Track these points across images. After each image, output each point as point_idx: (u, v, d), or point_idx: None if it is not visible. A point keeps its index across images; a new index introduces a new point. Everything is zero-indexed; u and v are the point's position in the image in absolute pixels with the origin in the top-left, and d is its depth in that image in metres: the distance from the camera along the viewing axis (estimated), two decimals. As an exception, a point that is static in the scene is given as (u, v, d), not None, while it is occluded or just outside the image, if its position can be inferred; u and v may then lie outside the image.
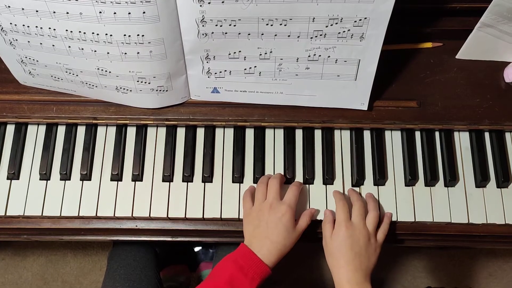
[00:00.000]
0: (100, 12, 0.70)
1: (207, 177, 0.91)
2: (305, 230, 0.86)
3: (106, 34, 0.74)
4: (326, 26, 0.73)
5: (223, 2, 0.70)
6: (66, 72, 0.84)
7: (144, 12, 0.70)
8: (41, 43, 0.79)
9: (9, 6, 0.73)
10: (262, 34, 0.75)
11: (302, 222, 0.85)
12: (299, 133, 0.94)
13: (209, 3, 0.70)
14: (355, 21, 0.72)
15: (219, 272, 0.79)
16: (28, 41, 0.79)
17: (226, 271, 0.78)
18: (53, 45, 0.78)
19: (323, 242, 0.85)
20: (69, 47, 0.78)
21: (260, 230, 0.82)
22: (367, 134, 0.94)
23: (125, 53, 0.77)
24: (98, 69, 0.81)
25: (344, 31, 0.74)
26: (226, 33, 0.75)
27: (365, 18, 0.72)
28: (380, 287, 1.59)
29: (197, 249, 1.52)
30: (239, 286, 0.77)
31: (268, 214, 0.83)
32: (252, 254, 0.80)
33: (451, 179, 0.91)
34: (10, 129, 0.94)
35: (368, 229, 0.83)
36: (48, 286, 1.62)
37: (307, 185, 0.91)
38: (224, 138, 0.94)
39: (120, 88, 0.84)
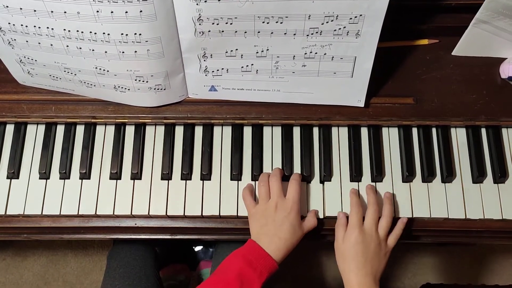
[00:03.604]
0: (98, 11, 0.71)
1: (206, 175, 0.92)
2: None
3: (104, 33, 0.74)
4: (322, 24, 0.74)
5: (219, 0, 0.71)
6: (65, 71, 0.84)
7: (141, 11, 0.71)
8: (39, 43, 0.79)
9: (7, 6, 0.73)
10: (259, 32, 0.76)
11: (309, 222, 0.86)
12: (296, 131, 0.95)
13: (205, 1, 0.71)
14: (351, 18, 0.73)
15: (228, 266, 0.80)
16: (27, 41, 0.80)
17: (235, 265, 0.79)
18: (51, 45, 0.79)
19: (335, 244, 0.86)
20: (67, 46, 0.78)
21: (268, 228, 0.83)
22: (364, 131, 0.95)
23: (123, 52, 0.77)
24: (96, 68, 0.81)
25: (340, 28, 0.75)
26: (222, 31, 0.76)
27: (361, 15, 0.72)
28: (380, 285, 1.60)
29: (197, 248, 1.52)
30: (248, 280, 0.77)
31: (275, 213, 0.84)
32: (261, 249, 0.81)
33: (448, 175, 0.91)
34: (10, 129, 0.94)
35: (379, 234, 0.84)
36: (49, 286, 1.63)
37: (305, 182, 0.92)
38: (222, 136, 0.94)
39: (118, 87, 0.85)
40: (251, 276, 0.78)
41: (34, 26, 0.76)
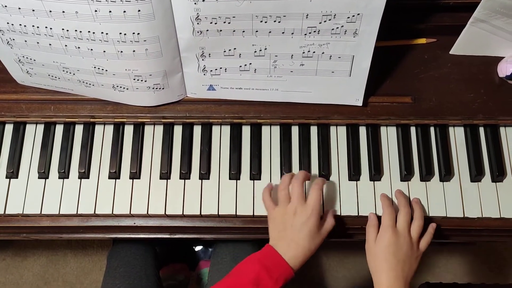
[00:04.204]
0: (96, 11, 0.71)
1: (204, 174, 0.92)
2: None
3: (102, 33, 0.75)
4: (320, 23, 0.74)
5: (217, -1, 0.71)
6: (63, 71, 0.84)
7: (139, 10, 0.71)
8: (38, 42, 0.79)
9: (5, 6, 0.74)
10: (257, 31, 0.76)
11: (328, 224, 0.85)
12: (295, 130, 0.95)
13: (203, 0, 0.71)
14: (348, 17, 0.73)
15: (244, 270, 0.79)
16: (25, 41, 0.80)
17: (251, 270, 0.78)
18: (50, 44, 0.79)
19: (366, 245, 0.86)
20: (66, 46, 0.78)
21: (285, 233, 0.82)
22: (362, 130, 0.95)
23: (121, 51, 0.77)
24: (94, 67, 0.82)
25: (337, 27, 0.75)
26: (220, 30, 0.76)
27: (358, 14, 0.72)
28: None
29: (197, 248, 1.52)
30: (264, 286, 0.76)
31: (293, 219, 0.82)
32: (278, 256, 0.80)
33: (446, 174, 0.91)
34: (9, 128, 0.95)
35: (412, 237, 0.84)
36: (49, 286, 1.63)
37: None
38: (221, 135, 0.95)
39: (117, 86, 0.85)
40: (267, 283, 0.76)
41: (33, 26, 0.76)
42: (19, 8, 0.74)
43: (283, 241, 0.82)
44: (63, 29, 0.75)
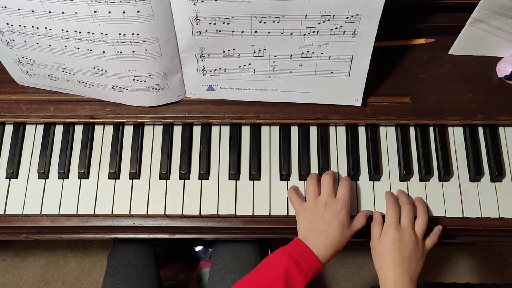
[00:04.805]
0: (95, 12, 0.71)
1: (204, 174, 0.92)
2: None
3: (102, 33, 0.75)
4: (319, 23, 0.74)
5: (216, 0, 0.71)
6: (63, 71, 0.85)
7: (138, 11, 0.71)
8: (37, 43, 0.80)
9: (5, 7, 0.74)
10: (256, 31, 0.76)
11: (358, 223, 0.86)
12: (294, 130, 0.95)
13: (202, 1, 0.71)
14: (347, 18, 0.73)
15: (273, 263, 0.79)
16: (25, 41, 0.80)
17: (281, 263, 0.78)
18: (50, 45, 0.79)
19: (371, 243, 0.86)
20: (65, 46, 0.79)
21: (316, 225, 0.82)
22: (361, 130, 0.95)
23: (121, 52, 0.78)
24: (94, 68, 0.82)
25: (336, 28, 0.75)
26: (220, 31, 0.76)
27: (357, 15, 0.73)
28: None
29: (198, 248, 1.52)
30: (293, 280, 0.76)
31: (324, 211, 0.83)
32: (308, 249, 0.80)
33: (445, 174, 0.91)
34: (9, 129, 0.95)
35: (417, 234, 0.84)
36: (49, 287, 1.63)
37: (303, 181, 0.92)
38: (220, 136, 0.95)
39: (116, 87, 0.85)
40: (296, 277, 0.76)
41: (32, 27, 0.76)
42: (19, 9, 0.74)
43: (313, 233, 0.82)
44: (62, 29, 0.75)
